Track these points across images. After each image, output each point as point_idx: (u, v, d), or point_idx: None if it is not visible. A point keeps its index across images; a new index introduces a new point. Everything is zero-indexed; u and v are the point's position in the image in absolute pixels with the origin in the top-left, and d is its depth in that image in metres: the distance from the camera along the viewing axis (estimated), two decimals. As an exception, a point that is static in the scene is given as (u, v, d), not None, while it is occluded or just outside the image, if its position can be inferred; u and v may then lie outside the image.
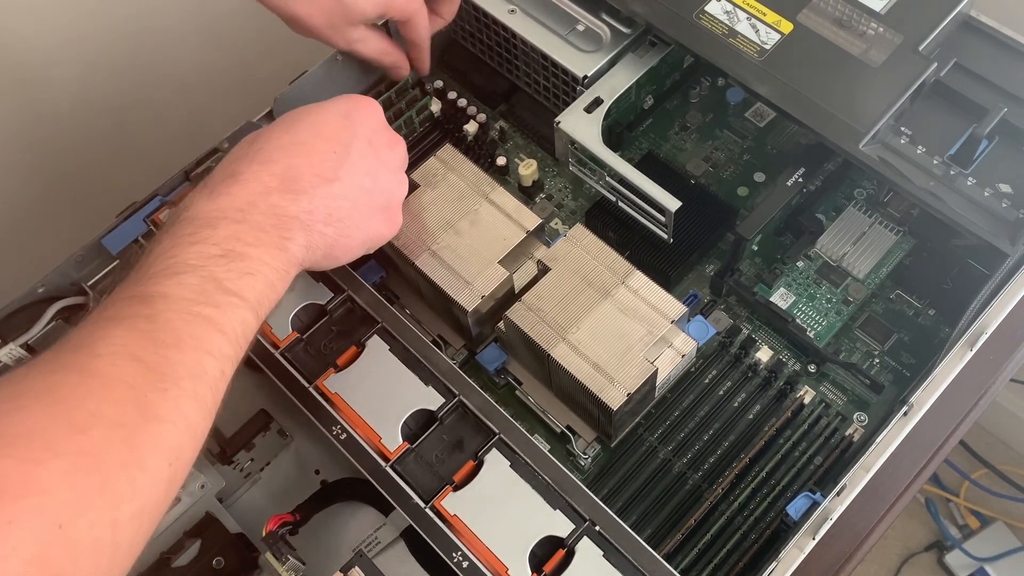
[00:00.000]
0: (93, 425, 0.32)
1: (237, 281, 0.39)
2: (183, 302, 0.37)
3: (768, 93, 0.57)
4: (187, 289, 0.37)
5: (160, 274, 0.38)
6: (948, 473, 1.29)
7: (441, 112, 0.68)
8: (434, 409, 0.50)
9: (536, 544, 0.46)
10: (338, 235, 0.46)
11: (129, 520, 0.32)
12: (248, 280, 0.39)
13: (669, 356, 0.51)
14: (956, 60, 0.58)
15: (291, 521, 0.52)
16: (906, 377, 0.58)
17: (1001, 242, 0.52)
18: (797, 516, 0.49)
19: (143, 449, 0.33)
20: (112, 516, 0.32)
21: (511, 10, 0.65)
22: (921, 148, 0.56)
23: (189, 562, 0.51)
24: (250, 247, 0.40)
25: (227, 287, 0.38)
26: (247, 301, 0.39)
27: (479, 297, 0.53)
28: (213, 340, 0.37)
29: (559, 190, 0.67)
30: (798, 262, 0.62)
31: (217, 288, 0.38)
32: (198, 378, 0.36)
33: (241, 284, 0.39)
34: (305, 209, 0.44)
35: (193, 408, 0.36)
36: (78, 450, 0.31)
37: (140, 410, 0.33)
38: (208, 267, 0.38)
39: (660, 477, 0.55)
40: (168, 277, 0.38)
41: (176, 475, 0.35)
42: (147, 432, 0.33)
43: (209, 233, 0.40)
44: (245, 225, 0.41)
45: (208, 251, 0.39)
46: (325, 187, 0.45)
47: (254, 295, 0.40)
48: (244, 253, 0.40)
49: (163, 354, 0.35)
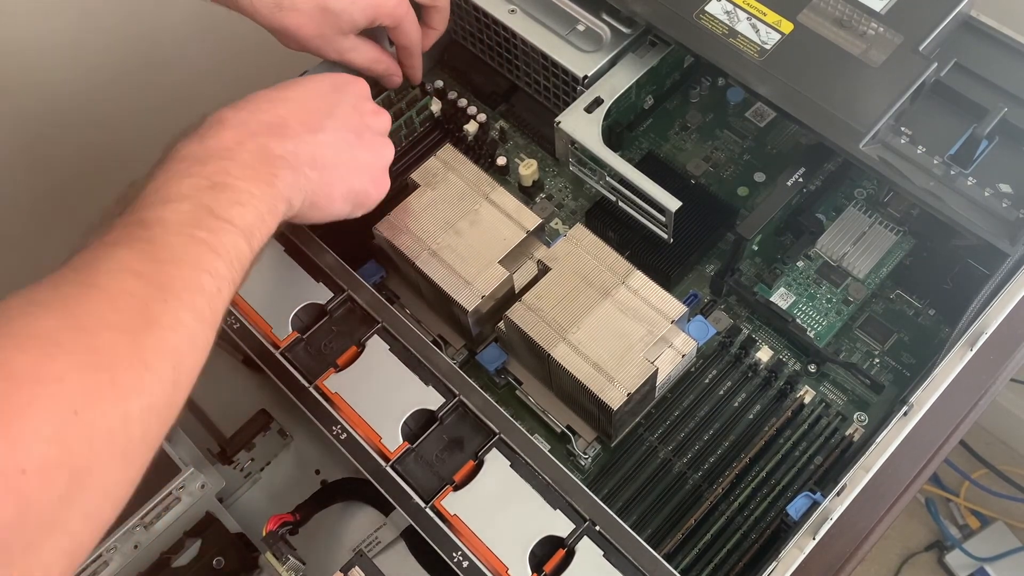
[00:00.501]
0: (100, 329, 0.34)
1: (228, 210, 0.41)
2: (179, 225, 0.39)
3: (768, 93, 0.57)
4: (181, 215, 0.39)
5: (155, 203, 0.40)
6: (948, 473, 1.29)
7: (441, 112, 0.68)
8: (434, 409, 0.50)
9: (536, 544, 0.46)
10: (322, 181, 0.47)
11: (139, 415, 0.34)
12: (238, 209, 0.41)
13: (669, 356, 0.51)
14: (956, 60, 0.58)
15: (291, 521, 0.52)
16: (906, 377, 0.58)
17: (1001, 242, 0.52)
18: (797, 516, 0.49)
19: (148, 351, 0.35)
20: (123, 408, 0.33)
21: (511, 10, 0.65)
22: (921, 148, 0.56)
23: (189, 562, 0.51)
24: (238, 180, 0.42)
25: (219, 214, 0.40)
26: (239, 228, 0.41)
27: (479, 297, 0.53)
28: (208, 259, 0.39)
29: (559, 190, 0.67)
30: (798, 262, 0.62)
31: (209, 214, 0.40)
32: (196, 292, 0.38)
33: (232, 213, 0.41)
34: (291, 151, 0.45)
35: (192, 319, 0.37)
36: (87, 348, 0.33)
37: (143, 317, 0.35)
38: (199, 197, 0.40)
39: (660, 477, 0.55)
40: (163, 204, 0.39)
41: (180, 380, 0.36)
42: (150, 336, 0.35)
43: (199, 168, 0.41)
44: (233, 162, 0.42)
45: (198, 183, 0.41)
46: (310, 135, 0.47)
47: (245, 223, 0.41)
48: (233, 185, 0.42)
49: (162, 269, 0.37)
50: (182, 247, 0.38)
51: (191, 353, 0.37)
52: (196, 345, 0.38)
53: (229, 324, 0.54)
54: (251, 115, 0.46)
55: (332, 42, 0.58)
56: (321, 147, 0.47)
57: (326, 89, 0.51)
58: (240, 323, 0.54)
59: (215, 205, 0.40)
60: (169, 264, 0.37)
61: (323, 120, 0.48)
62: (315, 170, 0.46)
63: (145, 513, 0.51)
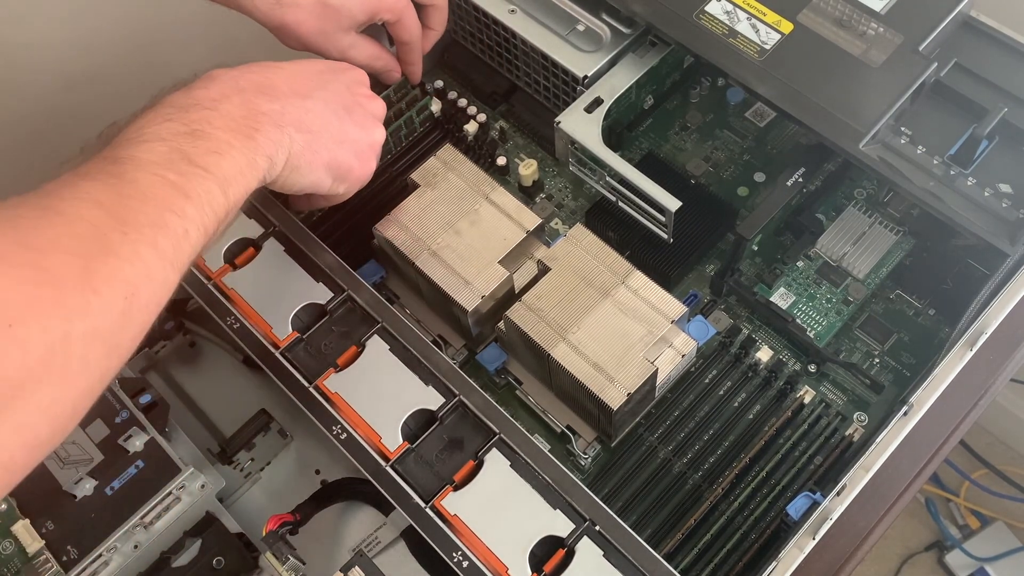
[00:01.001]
0: (51, 250, 0.34)
1: (204, 157, 0.40)
2: (151, 164, 0.39)
3: (768, 93, 0.57)
4: (155, 155, 0.39)
5: (132, 142, 0.40)
6: (948, 473, 1.29)
7: (441, 112, 0.68)
8: (434, 409, 0.50)
9: (536, 544, 0.46)
10: (305, 145, 0.47)
11: (82, 337, 0.33)
12: (215, 158, 0.41)
13: (669, 356, 0.51)
14: (956, 60, 0.58)
15: (291, 521, 0.52)
16: (906, 377, 0.58)
17: (1001, 242, 0.52)
18: (797, 516, 0.49)
19: (98, 277, 0.34)
20: (64, 328, 0.33)
21: (511, 10, 0.65)
22: (921, 148, 0.56)
23: (189, 562, 0.51)
24: (219, 130, 0.42)
25: (193, 159, 0.40)
26: (213, 175, 0.40)
27: (479, 297, 0.53)
28: (176, 200, 0.38)
29: (559, 190, 0.67)
30: (798, 262, 0.62)
31: (183, 158, 0.40)
32: (159, 228, 0.37)
33: (208, 160, 0.40)
34: (277, 110, 0.45)
35: (152, 255, 0.37)
36: (32, 265, 0.33)
37: (99, 245, 0.35)
38: (176, 141, 0.40)
39: (660, 477, 0.55)
40: (138, 144, 0.39)
41: (131, 311, 0.36)
42: (103, 263, 0.35)
43: (181, 115, 0.41)
44: (216, 112, 0.42)
45: (178, 128, 0.41)
46: (298, 99, 0.47)
47: (221, 172, 0.41)
48: (212, 135, 0.41)
49: (126, 204, 0.37)
50: (150, 185, 0.38)
51: (146, 287, 0.37)
52: (153, 280, 0.37)
53: (229, 324, 0.54)
54: (242, 74, 0.46)
55: (332, 39, 0.58)
56: (308, 112, 0.47)
57: (322, 67, 0.51)
58: (240, 323, 0.54)
59: (191, 151, 0.40)
60: (134, 199, 0.37)
61: (314, 90, 0.49)
62: (300, 132, 0.46)
63: (145, 513, 0.51)
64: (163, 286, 0.38)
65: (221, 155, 0.41)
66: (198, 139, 0.41)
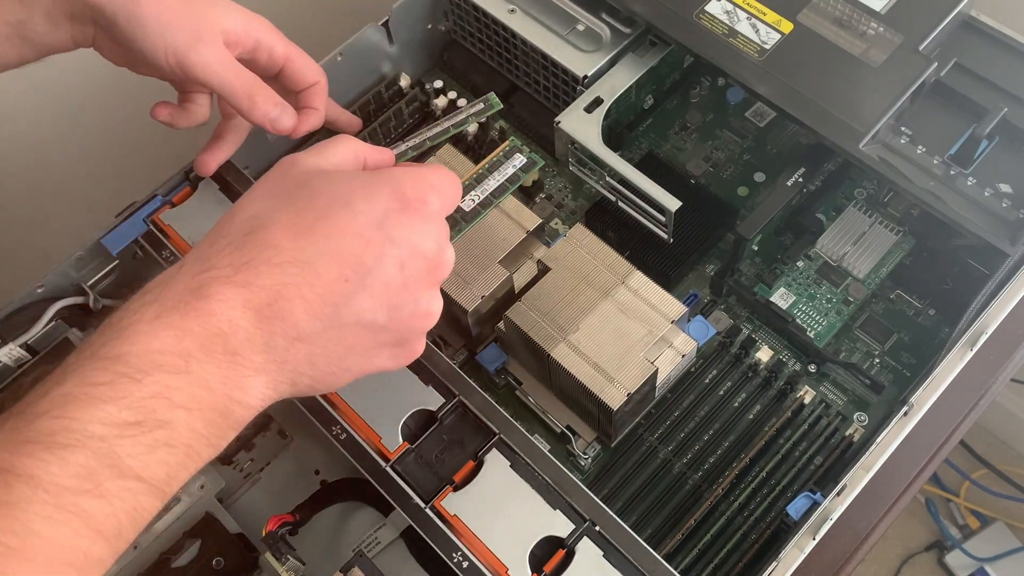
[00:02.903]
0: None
1: (145, 457, 0.31)
2: (56, 492, 0.29)
3: (768, 93, 0.57)
4: (68, 473, 0.29)
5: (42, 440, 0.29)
6: (948, 473, 1.29)
7: (441, 112, 0.68)
8: (434, 409, 0.50)
9: (536, 544, 0.46)
10: (315, 381, 0.37)
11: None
12: (162, 454, 0.31)
13: (669, 356, 0.51)
14: (956, 60, 0.58)
15: (291, 521, 0.52)
16: (906, 377, 0.58)
17: (1001, 242, 0.52)
18: (797, 516, 0.49)
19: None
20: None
21: (511, 10, 0.65)
22: (921, 148, 0.56)
23: (189, 562, 0.51)
24: (180, 409, 0.32)
25: (127, 467, 0.30)
26: (149, 483, 0.31)
27: (479, 297, 0.53)
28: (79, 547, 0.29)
29: (559, 190, 0.67)
30: (798, 262, 0.62)
31: (112, 470, 0.30)
32: None
33: (149, 460, 0.31)
34: (278, 358, 0.35)
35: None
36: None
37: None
38: (110, 440, 0.30)
39: (660, 477, 0.55)
40: (48, 450, 0.29)
41: None
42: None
43: (130, 389, 0.31)
44: (185, 378, 0.32)
45: (119, 416, 0.30)
46: (314, 331, 0.35)
47: (164, 472, 0.32)
48: (169, 421, 0.32)
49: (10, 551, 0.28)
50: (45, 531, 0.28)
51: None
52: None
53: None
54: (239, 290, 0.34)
55: None
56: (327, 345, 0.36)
57: (368, 235, 0.36)
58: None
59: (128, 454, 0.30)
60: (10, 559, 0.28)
61: (339, 307, 0.35)
62: (312, 368, 0.36)
63: (145, 513, 0.51)
64: None
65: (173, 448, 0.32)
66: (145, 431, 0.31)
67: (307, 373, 0.36)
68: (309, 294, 0.35)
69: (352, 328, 0.36)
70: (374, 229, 0.36)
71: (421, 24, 0.69)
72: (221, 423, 0.34)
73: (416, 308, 0.38)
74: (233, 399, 0.34)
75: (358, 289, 0.35)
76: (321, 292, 0.35)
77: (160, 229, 0.57)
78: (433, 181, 0.38)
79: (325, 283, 0.35)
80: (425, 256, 0.37)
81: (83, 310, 0.58)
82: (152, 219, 0.57)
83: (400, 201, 0.37)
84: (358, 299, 0.36)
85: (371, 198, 0.36)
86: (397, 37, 0.67)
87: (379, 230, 0.36)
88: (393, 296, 0.37)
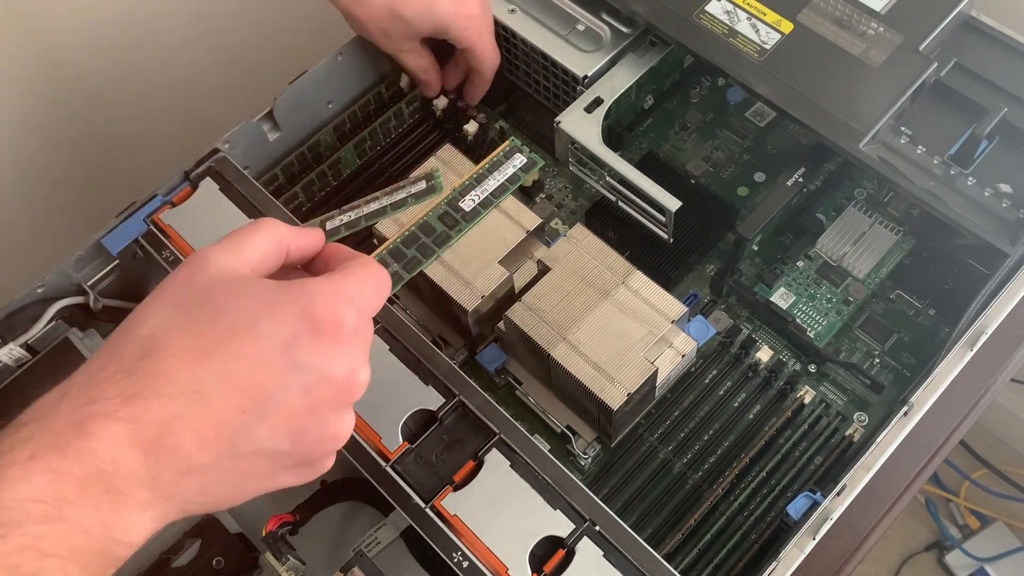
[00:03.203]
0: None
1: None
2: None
3: (768, 93, 0.57)
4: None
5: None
6: (948, 473, 1.29)
7: (441, 112, 0.68)
8: (434, 409, 0.50)
9: (536, 544, 0.46)
10: (207, 507, 0.35)
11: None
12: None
13: (669, 356, 0.51)
14: (956, 60, 0.58)
15: (291, 521, 0.52)
16: (906, 377, 0.58)
17: (1001, 242, 0.52)
18: (797, 516, 0.49)
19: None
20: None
21: (511, 10, 0.65)
22: (921, 148, 0.56)
23: (189, 562, 0.51)
24: (51, 558, 0.30)
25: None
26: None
27: (479, 297, 0.53)
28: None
29: (559, 190, 0.67)
30: (798, 262, 0.62)
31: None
32: None
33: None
34: (165, 492, 0.32)
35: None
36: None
37: None
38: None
39: (660, 477, 0.55)
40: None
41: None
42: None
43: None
44: (60, 526, 0.30)
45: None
46: (206, 463, 0.33)
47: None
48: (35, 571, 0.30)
49: None
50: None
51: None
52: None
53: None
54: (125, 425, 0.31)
55: (393, 41, 0.62)
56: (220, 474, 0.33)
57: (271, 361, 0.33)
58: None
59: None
60: None
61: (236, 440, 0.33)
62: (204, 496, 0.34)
63: (145, 513, 0.51)
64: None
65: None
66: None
67: (199, 501, 0.34)
68: (202, 426, 0.32)
69: (250, 457, 0.34)
70: (278, 355, 0.33)
71: (421, 24, 0.69)
72: (99, 563, 0.32)
73: (323, 432, 0.36)
74: (114, 540, 0.32)
75: (257, 420, 0.33)
76: (215, 424, 0.33)
77: (160, 229, 0.57)
78: (352, 294, 0.35)
79: (220, 415, 0.33)
80: (335, 380, 0.35)
81: (83, 310, 0.58)
82: (152, 219, 0.57)
83: (310, 324, 0.34)
84: (257, 430, 0.33)
85: (278, 320, 0.33)
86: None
87: (284, 356, 0.33)
88: (297, 423, 0.34)
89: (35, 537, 0.29)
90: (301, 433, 0.35)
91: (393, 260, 0.46)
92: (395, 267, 0.48)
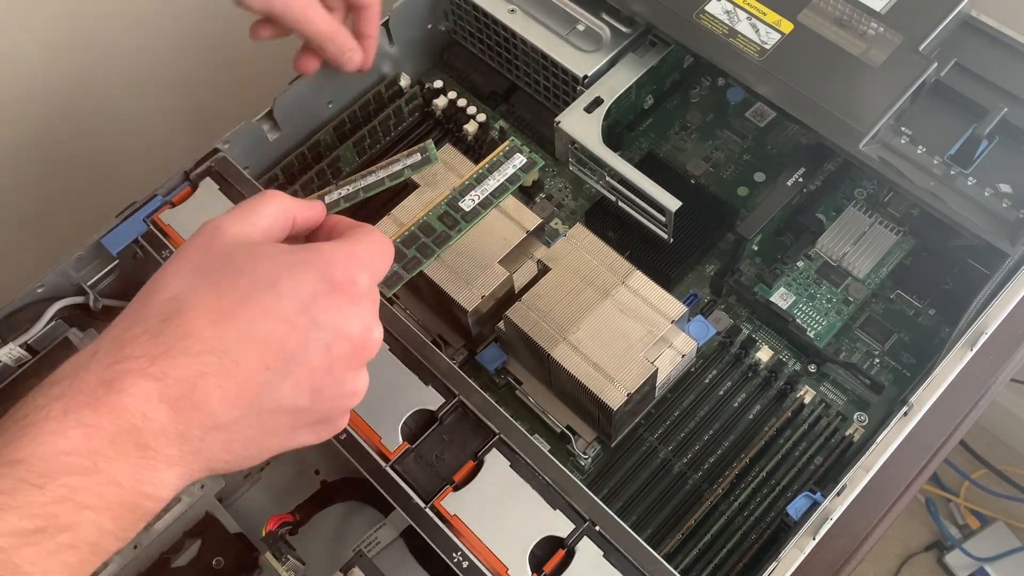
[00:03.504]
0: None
1: (46, 563, 0.30)
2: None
3: (768, 93, 0.57)
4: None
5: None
6: (948, 473, 1.29)
7: (441, 112, 0.68)
8: (434, 409, 0.50)
9: (536, 544, 0.46)
10: (231, 464, 0.36)
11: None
12: (65, 556, 0.30)
13: (669, 356, 0.51)
14: (956, 60, 0.58)
15: (291, 521, 0.52)
16: (906, 377, 0.58)
17: (1001, 242, 0.52)
18: (797, 516, 0.49)
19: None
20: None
21: (511, 10, 0.65)
22: (921, 148, 0.56)
23: (189, 562, 0.51)
24: (86, 510, 0.31)
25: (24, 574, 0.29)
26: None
27: (479, 297, 0.53)
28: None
29: (559, 190, 0.67)
30: (798, 262, 0.62)
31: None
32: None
33: (51, 564, 0.30)
34: (193, 448, 0.33)
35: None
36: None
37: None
38: (9, 551, 0.29)
39: (660, 477, 0.55)
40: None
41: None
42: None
43: (32, 497, 0.30)
44: (94, 478, 0.31)
45: (19, 525, 0.29)
46: (232, 419, 0.34)
47: (67, 572, 0.31)
48: (74, 523, 0.30)
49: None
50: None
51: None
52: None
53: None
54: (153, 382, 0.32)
55: (292, 4, 0.54)
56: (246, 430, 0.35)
57: (292, 320, 0.35)
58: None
59: (25, 560, 0.29)
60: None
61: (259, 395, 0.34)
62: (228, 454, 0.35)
63: (145, 513, 0.51)
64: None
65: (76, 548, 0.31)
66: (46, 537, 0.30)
67: (223, 458, 0.35)
68: (228, 384, 0.33)
69: (272, 413, 0.35)
70: (299, 313, 0.35)
71: (421, 24, 0.69)
72: (130, 517, 0.33)
73: (341, 390, 0.37)
74: (144, 494, 0.33)
75: (281, 376, 0.35)
76: (240, 381, 0.34)
77: (160, 229, 0.57)
78: (363, 257, 0.37)
79: (245, 372, 0.34)
80: (351, 339, 0.36)
81: (83, 310, 0.58)
82: (152, 219, 0.57)
83: (328, 283, 0.35)
84: (280, 386, 0.35)
85: (297, 280, 0.35)
86: (397, 37, 0.67)
87: (304, 314, 0.35)
88: (317, 380, 0.36)
89: (71, 489, 0.30)
90: (320, 390, 0.36)
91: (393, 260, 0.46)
92: (395, 267, 0.48)
